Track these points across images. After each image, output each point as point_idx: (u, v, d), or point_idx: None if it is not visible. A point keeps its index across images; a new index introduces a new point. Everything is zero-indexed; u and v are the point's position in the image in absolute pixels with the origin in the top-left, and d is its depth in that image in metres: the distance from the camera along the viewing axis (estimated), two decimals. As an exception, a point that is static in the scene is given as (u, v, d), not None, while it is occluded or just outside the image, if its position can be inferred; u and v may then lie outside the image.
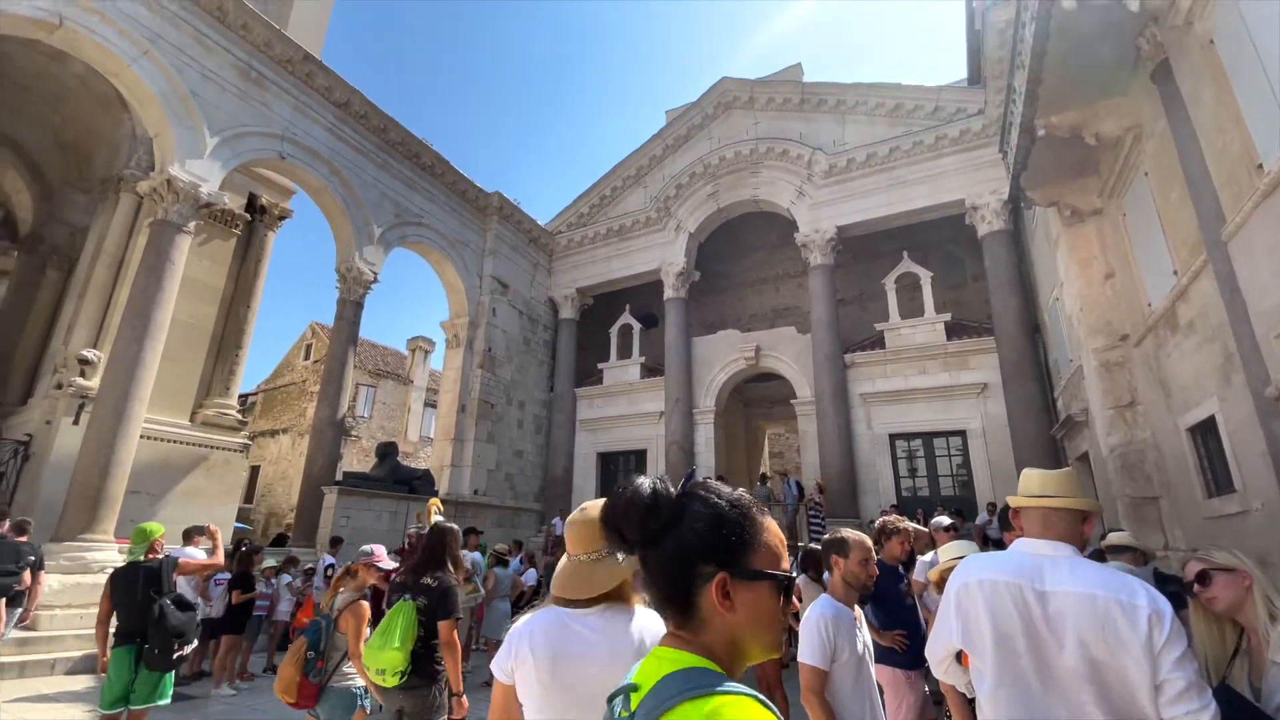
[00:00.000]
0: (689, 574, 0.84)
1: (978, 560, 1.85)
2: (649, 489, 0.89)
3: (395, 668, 3.00)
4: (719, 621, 0.83)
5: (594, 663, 1.43)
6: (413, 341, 27.00)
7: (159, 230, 9.07)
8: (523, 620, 1.54)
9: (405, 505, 11.46)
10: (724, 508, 0.87)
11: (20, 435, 9.59)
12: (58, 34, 8.34)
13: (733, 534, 0.85)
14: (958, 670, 1.99)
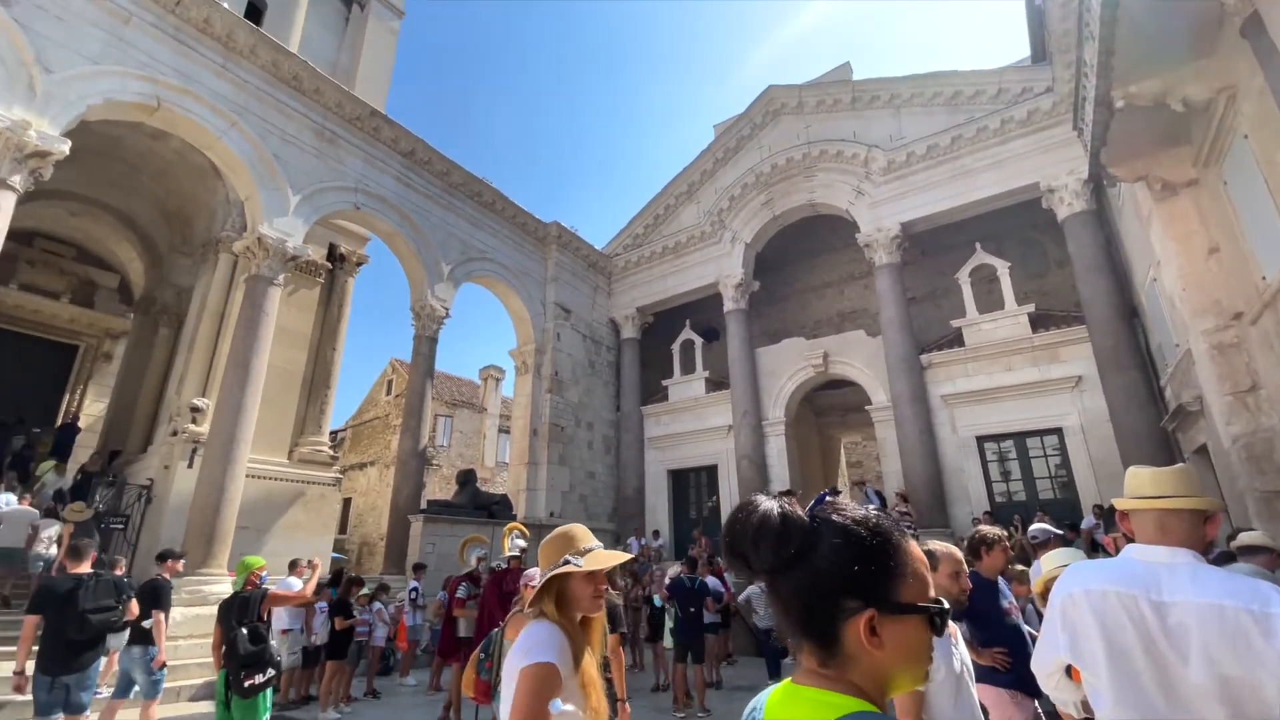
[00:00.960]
0: (830, 608, 0.78)
1: (1083, 568, 1.72)
2: (778, 513, 0.83)
3: None
4: (867, 660, 0.77)
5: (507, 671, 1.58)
6: (484, 371, 27.99)
7: (253, 285, 9.89)
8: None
9: (487, 530, 11.80)
10: (863, 535, 0.80)
11: (143, 480, 10.58)
12: (157, 115, 9.31)
13: (875, 563, 0.78)
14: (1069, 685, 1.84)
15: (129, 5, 8.87)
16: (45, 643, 4.30)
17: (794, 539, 0.81)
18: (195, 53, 9.55)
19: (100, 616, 4.49)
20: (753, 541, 0.82)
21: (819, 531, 0.81)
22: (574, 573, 1.66)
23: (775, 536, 0.81)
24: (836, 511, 0.83)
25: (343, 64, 14.86)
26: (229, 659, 4.43)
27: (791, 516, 0.82)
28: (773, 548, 0.81)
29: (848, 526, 0.81)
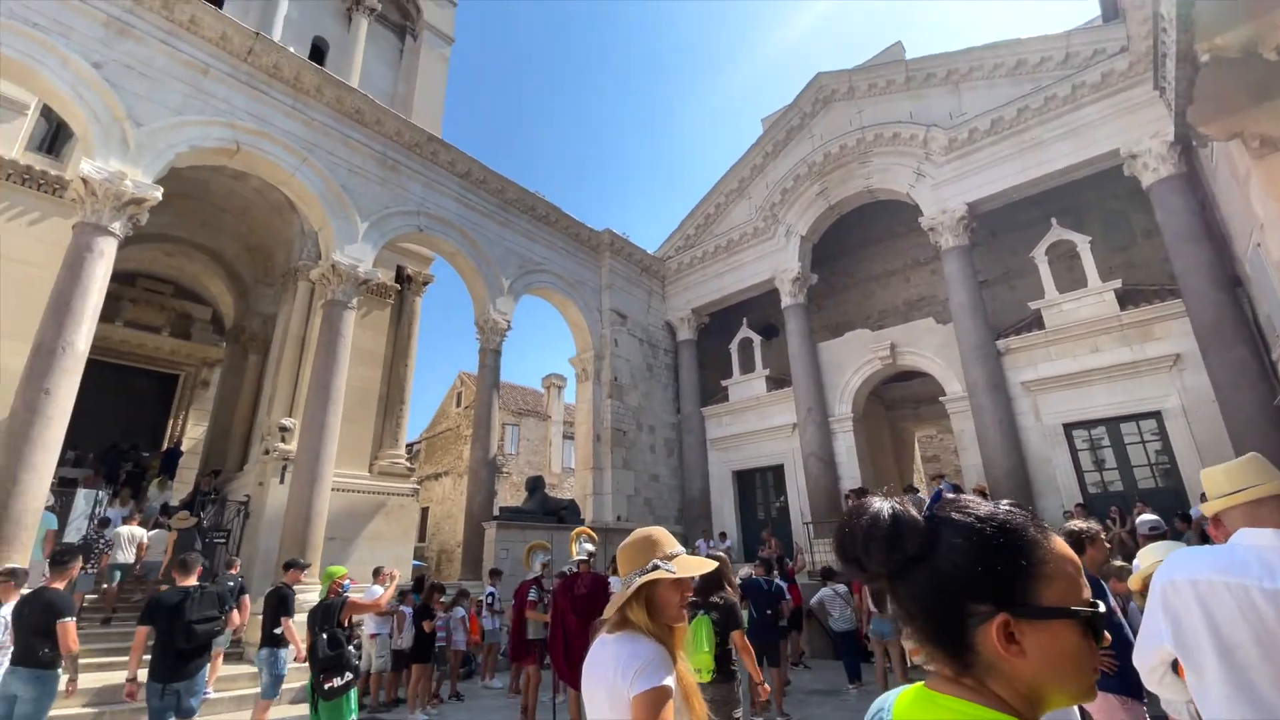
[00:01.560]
0: (955, 612, 0.73)
1: (1184, 556, 1.59)
2: (889, 513, 0.79)
3: (707, 666, 4.00)
4: (1008, 669, 0.70)
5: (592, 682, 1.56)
6: (547, 379, 28.58)
7: (330, 309, 10.49)
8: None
9: (557, 535, 12.02)
10: (987, 532, 0.74)
11: (241, 497, 11.40)
12: (237, 157, 10.04)
13: (1004, 563, 0.72)
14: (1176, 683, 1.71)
15: (206, 58, 9.62)
16: (156, 652, 4.61)
17: (907, 540, 0.76)
18: (267, 96, 10.25)
19: (205, 627, 4.74)
20: (864, 545, 0.79)
21: (937, 531, 0.77)
22: (663, 579, 1.60)
23: (886, 538, 0.77)
24: (957, 509, 0.78)
25: (400, 94, 15.58)
26: (311, 663, 4.71)
27: (903, 516, 0.78)
28: (884, 550, 0.77)
29: (969, 524, 0.76)
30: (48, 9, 8.20)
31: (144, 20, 9.04)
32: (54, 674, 4.32)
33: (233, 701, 7.36)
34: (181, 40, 9.37)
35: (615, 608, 1.61)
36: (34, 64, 8.03)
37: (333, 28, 14.90)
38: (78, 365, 7.69)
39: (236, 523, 10.82)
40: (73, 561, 4.71)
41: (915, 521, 0.78)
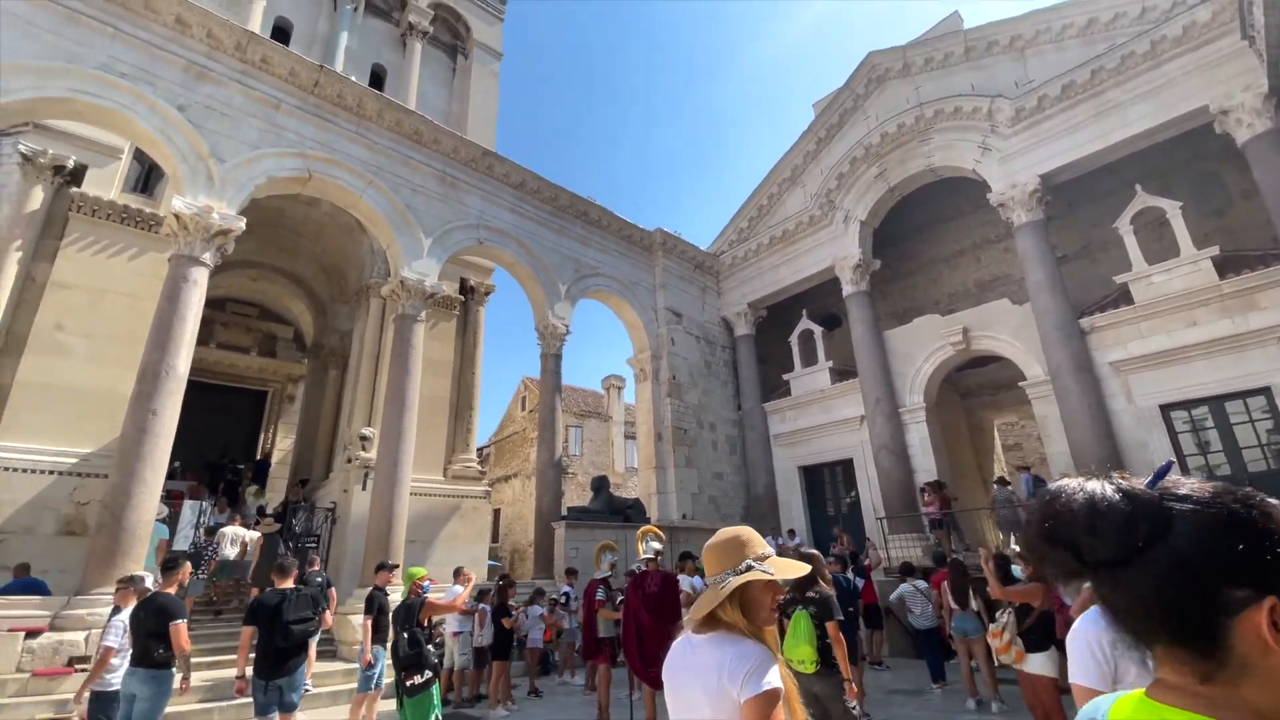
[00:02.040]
0: (1206, 600, 0.64)
1: None
2: (1119, 492, 0.70)
3: (811, 658, 4.21)
4: (1269, 669, 0.61)
5: (685, 683, 1.53)
6: (606, 380, 28.93)
7: (400, 323, 10.99)
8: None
9: (623, 534, 12.15)
10: (1236, 509, 0.66)
11: (328, 503, 12.10)
12: (309, 185, 10.66)
13: (1263, 540, 0.64)
14: None
15: (277, 93, 10.27)
16: (259, 651, 4.92)
17: (1142, 521, 0.68)
18: (333, 124, 10.83)
19: (300, 626, 5.00)
20: (1087, 527, 0.70)
21: (1172, 510, 0.68)
22: (757, 580, 1.56)
23: (1121, 519, 0.68)
24: (1186, 487, 0.70)
25: (454, 112, 16.14)
26: (394, 661, 4.94)
27: (1140, 495, 0.70)
28: (1118, 533, 0.68)
29: (1209, 499, 0.68)
30: (134, 59, 8.97)
31: (220, 63, 9.74)
32: (169, 673, 4.71)
33: (329, 696, 7.82)
34: (254, 79, 10.04)
35: (706, 608, 1.56)
36: (126, 111, 8.80)
37: (389, 54, 15.60)
38: (179, 387, 8.37)
39: (325, 528, 11.49)
40: (181, 567, 5.12)
41: (1152, 499, 0.69)
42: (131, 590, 5.07)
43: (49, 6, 8.39)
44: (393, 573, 6.89)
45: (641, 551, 6.38)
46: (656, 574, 6.19)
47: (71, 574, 8.03)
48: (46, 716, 6.10)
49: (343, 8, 14.71)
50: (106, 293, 10.32)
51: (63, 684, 6.45)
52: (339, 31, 14.40)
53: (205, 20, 9.56)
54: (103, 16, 8.80)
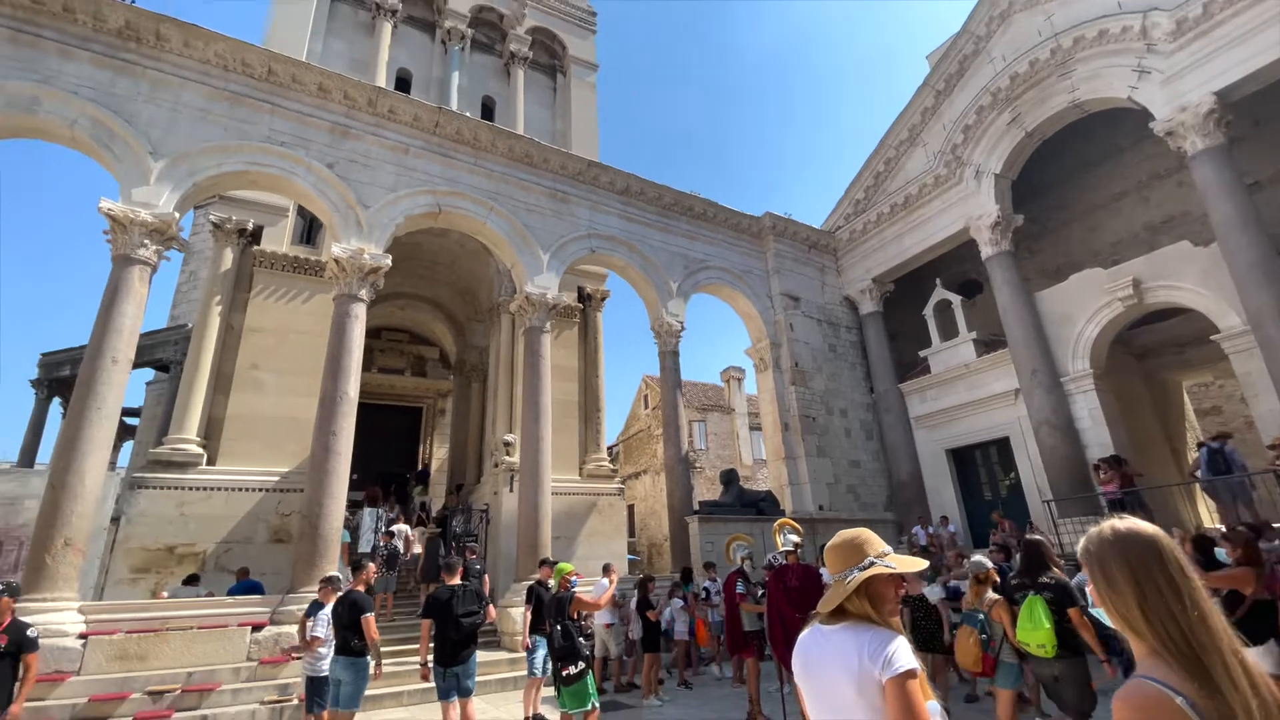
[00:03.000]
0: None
1: None
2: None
3: (1051, 642, 4.24)
4: None
5: (825, 671, 1.66)
6: (725, 373, 28.72)
7: (529, 335, 11.68)
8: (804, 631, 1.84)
9: (757, 527, 12.01)
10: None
11: (481, 506, 13.15)
12: (440, 218, 11.63)
13: None
14: None
15: (406, 139, 11.32)
16: (436, 641, 5.43)
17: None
18: (455, 159, 11.75)
19: (469, 619, 5.47)
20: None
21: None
22: (881, 574, 1.70)
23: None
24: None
25: (559, 129, 16.84)
26: (550, 652, 5.26)
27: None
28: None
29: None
30: (289, 129, 10.31)
31: (358, 120, 10.93)
32: (365, 660, 5.40)
33: (497, 683, 8.51)
34: (386, 129, 11.15)
35: (836, 601, 1.70)
36: (288, 175, 10.16)
37: (496, 85, 16.60)
38: (352, 409, 9.52)
39: (481, 528, 12.51)
40: (366, 567, 5.85)
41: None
42: (330, 589, 5.87)
43: (218, 94, 9.89)
44: (552, 568, 7.33)
45: (780, 544, 6.28)
46: (797, 567, 6.07)
47: (281, 575, 9.44)
48: (272, 698, 7.21)
49: (452, 49, 15.88)
50: (289, 333, 11.98)
51: (283, 670, 7.59)
52: (450, 72, 15.57)
53: (341, 84, 10.78)
54: (260, 95, 10.22)
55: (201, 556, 10.12)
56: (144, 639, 7.16)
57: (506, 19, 16.89)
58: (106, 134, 8.88)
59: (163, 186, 8.96)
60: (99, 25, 9.12)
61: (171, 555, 9.99)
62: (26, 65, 8.63)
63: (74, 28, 9.00)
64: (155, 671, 7.01)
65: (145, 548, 9.85)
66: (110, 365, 8.04)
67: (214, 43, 9.78)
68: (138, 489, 10.07)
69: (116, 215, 8.52)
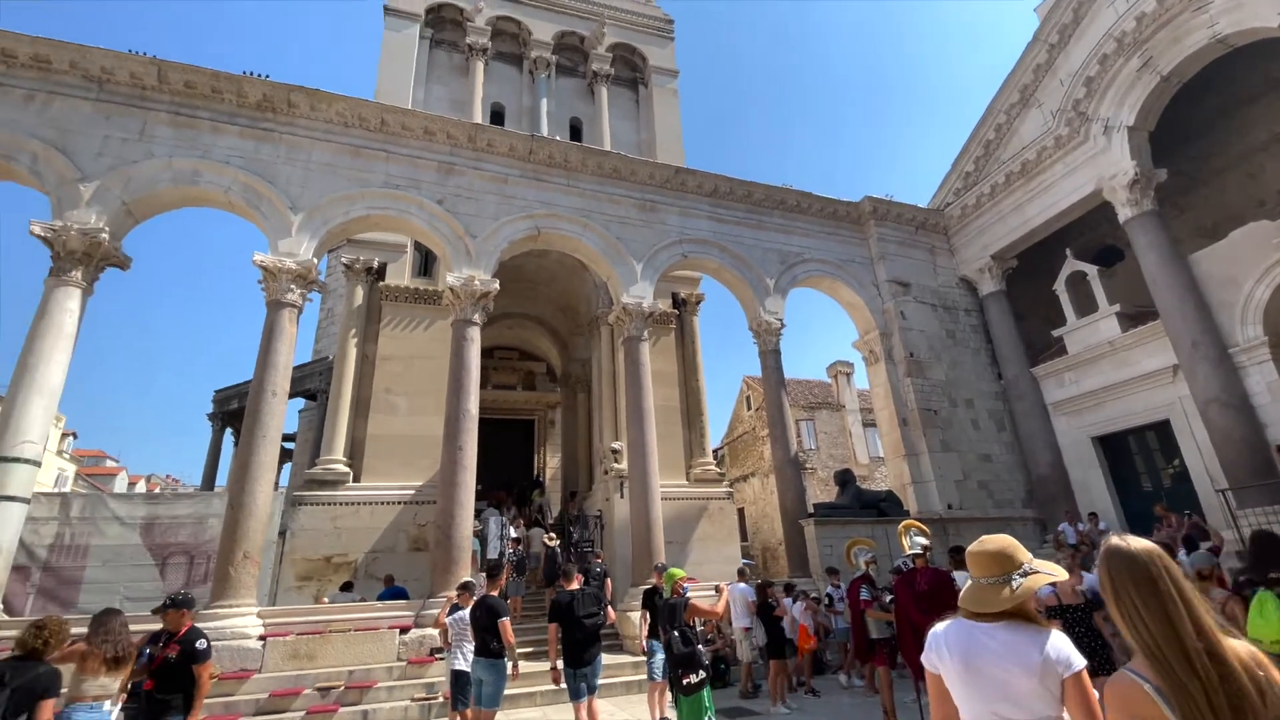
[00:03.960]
0: None
1: None
2: None
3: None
4: None
5: (998, 664, 1.79)
6: (832, 368, 27.63)
7: (628, 345, 11.93)
8: (939, 626, 2.00)
9: (880, 529, 11.44)
10: None
11: (595, 512, 13.54)
12: (539, 240, 12.16)
13: None
14: None
15: (504, 169, 11.99)
16: (564, 644, 5.74)
17: None
18: (549, 182, 12.28)
19: (590, 621, 5.75)
20: None
21: None
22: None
23: None
24: None
25: (644, 139, 17.11)
26: (668, 659, 5.25)
27: None
28: None
29: None
30: (403, 172, 11.25)
31: (461, 157, 11.73)
32: (503, 662, 5.74)
33: (621, 686, 8.71)
34: (485, 161, 11.87)
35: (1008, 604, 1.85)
36: (405, 215, 11.09)
37: (582, 106, 17.17)
38: (474, 425, 10.19)
39: (597, 534, 12.89)
40: (500, 573, 6.24)
41: None
42: (468, 594, 6.31)
43: (340, 149, 11.00)
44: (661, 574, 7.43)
45: (906, 547, 5.97)
46: (926, 570, 5.73)
47: (421, 581, 10.24)
48: (421, 695, 7.83)
49: (539, 78, 16.63)
50: (415, 358, 13.05)
51: (428, 670, 8.22)
52: (539, 99, 16.31)
53: (444, 125, 11.62)
54: (376, 145, 11.24)
55: (353, 565, 11.23)
56: (311, 640, 8.05)
57: (587, 40, 17.44)
58: (255, 195, 10.16)
59: (302, 236, 10.11)
60: (241, 101, 10.47)
61: (329, 564, 11.16)
62: (187, 143, 10.08)
63: (221, 105, 10.40)
64: (322, 670, 7.86)
65: (307, 558, 11.08)
66: (270, 398, 9.15)
67: (335, 103, 10.92)
68: (298, 506, 11.36)
69: (267, 265, 9.72)
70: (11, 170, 9.23)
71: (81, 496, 11.42)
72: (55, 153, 9.25)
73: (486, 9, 16.48)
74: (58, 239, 8.82)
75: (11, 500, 7.88)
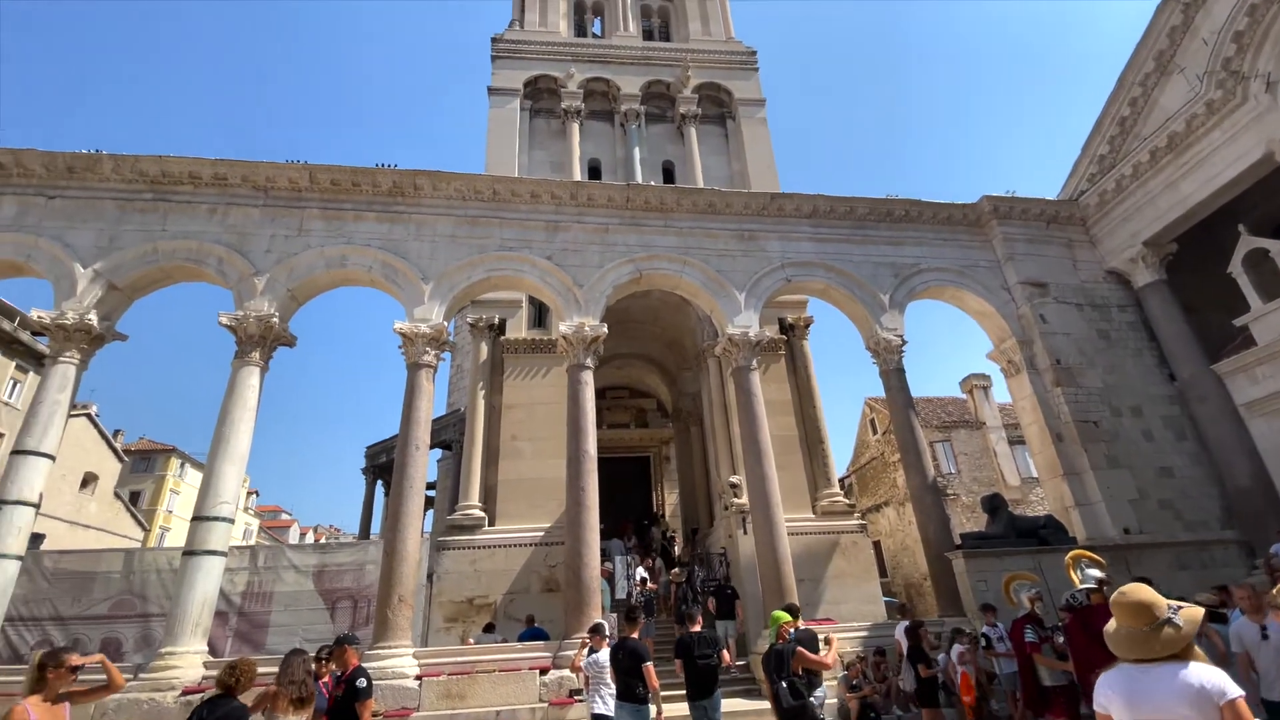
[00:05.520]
0: None
1: None
2: None
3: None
4: None
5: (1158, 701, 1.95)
6: (966, 382, 25.52)
7: (737, 375, 11.80)
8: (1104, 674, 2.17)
9: (1039, 559, 10.21)
10: None
11: (718, 549, 13.28)
12: (641, 282, 12.48)
13: None
14: None
15: (604, 219, 12.54)
16: (687, 680, 6.19)
17: None
18: (647, 226, 12.66)
19: (705, 662, 6.08)
20: None
21: None
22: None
23: None
24: None
25: (736, 171, 17.22)
26: (775, 711, 4.92)
27: None
28: None
29: None
30: (514, 234, 12.11)
31: (564, 213, 12.45)
32: (647, 708, 5.81)
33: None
34: (587, 215, 12.50)
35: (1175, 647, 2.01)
36: (518, 274, 11.92)
37: (673, 148, 17.68)
38: (594, 466, 10.47)
39: (721, 570, 12.61)
40: (639, 615, 6.41)
41: None
42: (599, 636, 6.41)
43: (460, 220, 12.06)
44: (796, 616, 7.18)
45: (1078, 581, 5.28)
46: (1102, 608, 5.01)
47: (555, 623, 10.51)
48: (565, 737, 7.94)
49: (630, 129, 17.38)
50: (535, 405, 13.76)
51: (569, 712, 8.34)
52: (631, 149, 17.00)
53: (547, 187, 12.43)
54: (490, 213, 12.22)
55: (493, 606, 11.79)
56: (461, 680, 8.49)
57: (673, 86, 18.04)
58: (392, 271, 11.38)
59: (433, 303, 11.13)
60: (376, 190, 11.86)
61: (471, 606, 11.80)
62: (335, 233, 11.53)
63: (360, 195, 11.83)
64: (472, 710, 8.24)
65: (452, 600, 11.79)
66: (415, 451, 10.01)
67: (452, 181, 12.06)
68: (441, 550, 12.19)
69: (405, 332, 10.78)
70: (202, 272, 11.05)
71: (265, 548, 13.04)
72: (235, 254, 10.97)
73: (577, 74, 17.60)
74: (240, 326, 10.37)
75: (213, 554, 9.16)
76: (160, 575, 11.31)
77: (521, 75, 17.38)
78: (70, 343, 9.89)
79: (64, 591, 11.05)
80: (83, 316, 9.97)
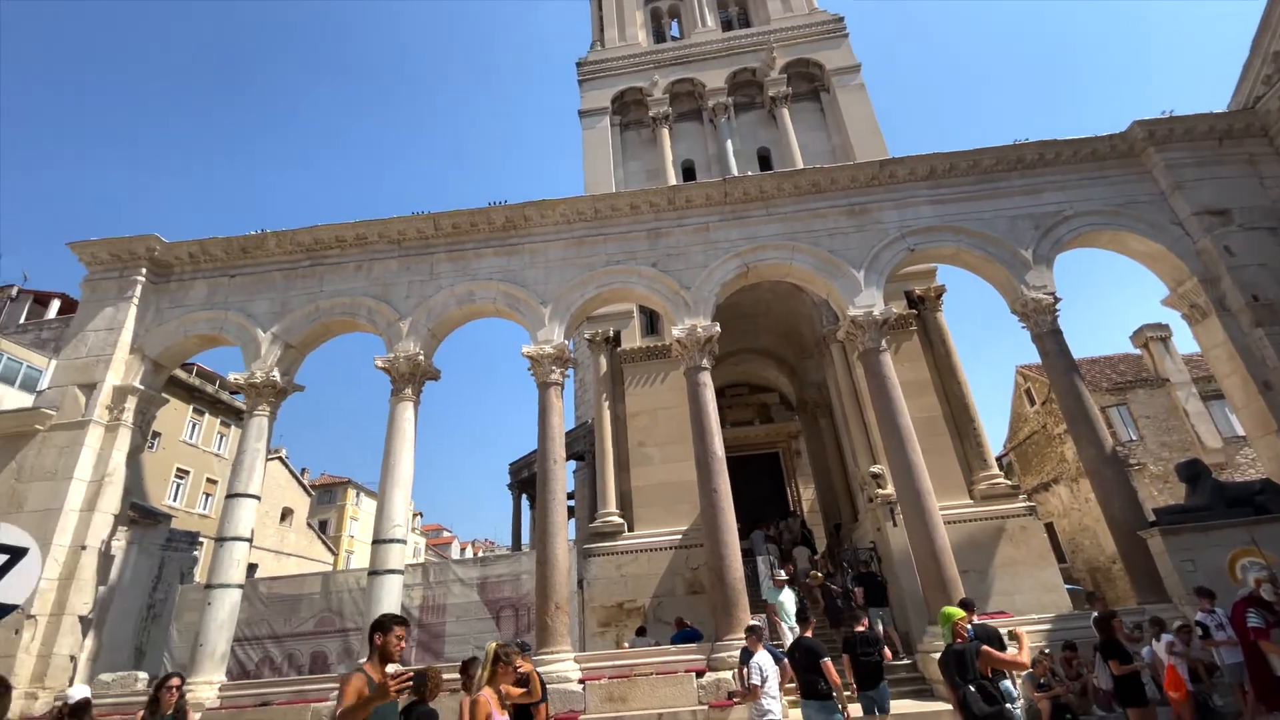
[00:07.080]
0: None
1: None
2: None
3: None
4: None
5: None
6: (1138, 336, 22.31)
7: (866, 359, 11.19)
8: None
9: (1259, 531, 8.65)
10: None
11: (866, 544, 12.63)
12: (749, 275, 12.22)
13: None
14: None
15: (704, 218, 12.48)
16: (854, 673, 6.94)
17: None
18: (749, 218, 12.41)
19: (866, 658, 6.84)
20: None
21: None
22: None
23: None
24: None
25: (838, 144, 16.44)
26: (964, 718, 4.47)
27: None
28: None
29: None
30: (618, 249, 12.39)
31: (664, 219, 12.55)
32: (833, 702, 5.95)
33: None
34: (687, 217, 12.52)
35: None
36: (626, 285, 12.20)
37: (766, 134, 17.25)
38: (723, 466, 10.41)
39: (874, 565, 11.97)
40: (810, 615, 6.87)
41: None
42: (756, 637, 6.36)
43: (568, 243, 12.55)
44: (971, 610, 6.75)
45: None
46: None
47: (704, 625, 10.53)
48: (730, 740, 7.94)
49: (720, 123, 17.20)
50: (658, 411, 13.98)
51: (729, 715, 8.30)
52: (724, 142, 16.81)
53: (645, 196, 12.61)
54: (594, 231, 12.60)
55: (642, 610, 12.08)
56: (621, 683, 8.76)
57: (759, 70, 17.62)
58: (513, 300, 12.10)
59: (553, 325, 11.69)
60: (491, 227, 12.68)
61: (621, 610, 12.17)
62: (460, 271, 12.46)
63: (478, 234, 12.69)
64: (634, 712, 8.47)
65: (603, 605, 12.23)
66: (554, 465, 10.54)
67: (557, 206, 12.61)
68: (588, 558, 12.70)
69: (532, 355, 11.41)
70: (356, 323, 12.41)
71: (433, 564, 14.32)
72: (381, 303, 12.22)
73: (661, 79, 17.75)
74: (393, 366, 11.53)
75: (392, 573, 10.22)
76: (351, 594, 12.78)
77: (608, 93, 17.84)
78: (261, 398, 11.53)
79: (277, 613, 12.77)
80: (268, 374, 11.59)
